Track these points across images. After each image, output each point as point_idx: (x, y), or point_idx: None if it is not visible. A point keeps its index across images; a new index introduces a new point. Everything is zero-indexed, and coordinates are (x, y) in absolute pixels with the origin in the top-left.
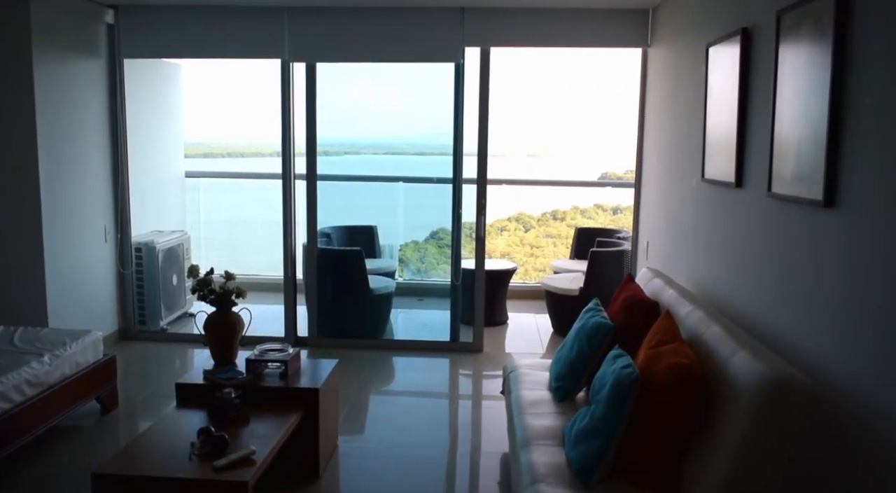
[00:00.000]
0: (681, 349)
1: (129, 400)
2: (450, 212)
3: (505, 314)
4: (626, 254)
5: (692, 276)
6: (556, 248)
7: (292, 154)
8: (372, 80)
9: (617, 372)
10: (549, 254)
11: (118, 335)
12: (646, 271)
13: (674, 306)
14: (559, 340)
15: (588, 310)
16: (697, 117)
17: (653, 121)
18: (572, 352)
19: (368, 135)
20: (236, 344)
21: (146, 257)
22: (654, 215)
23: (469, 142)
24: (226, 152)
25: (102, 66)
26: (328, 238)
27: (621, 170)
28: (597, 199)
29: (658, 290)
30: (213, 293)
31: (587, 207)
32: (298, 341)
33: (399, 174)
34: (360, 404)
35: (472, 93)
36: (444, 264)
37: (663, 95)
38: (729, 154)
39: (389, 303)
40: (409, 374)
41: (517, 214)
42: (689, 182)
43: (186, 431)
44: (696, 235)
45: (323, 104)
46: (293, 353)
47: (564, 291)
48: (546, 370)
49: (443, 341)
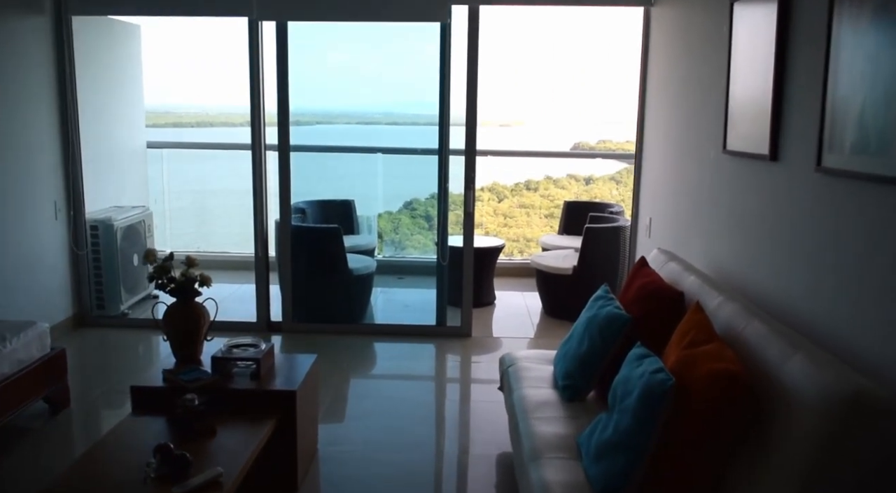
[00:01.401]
0: (722, 352)
1: (83, 397)
2: (429, 183)
3: (492, 294)
4: (622, 230)
5: (710, 260)
6: (530, 218)
7: (262, 123)
8: (349, 44)
9: (647, 377)
10: (523, 224)
11: (73, 321)
12: (657, 254)
13: (701, 297)
14: (550, 321)
15: (597, 298)
16: (717, 82)
17: (657, 87)
18: (582, 347)
19: (345, 103)
20: (201, 339)
21: (103, 236)
22: (658, 190)
23: (455, 111)
24: (195, 122)
25: (47, 23)
26: (302, 214)
27: (593, 140)
28: (569, 169)
29: (677, 276)
30: (172, 281)
31: (560, 177)
32: (271, 326)
33: (379, 145)
34: (340, 399)
35: (460, 57)
36: (420, 236)
37: (670, 58)
38: (760, 123)
39: (370, 284)
40: (393, 363)
41: (491, 184)
42: (706, 154)
43: (143, 445)
44: (715, 214)
45: (296, 70)
46: (266, 349)
47: (556, 270)
48: (549, 363)
49: (428, 326)
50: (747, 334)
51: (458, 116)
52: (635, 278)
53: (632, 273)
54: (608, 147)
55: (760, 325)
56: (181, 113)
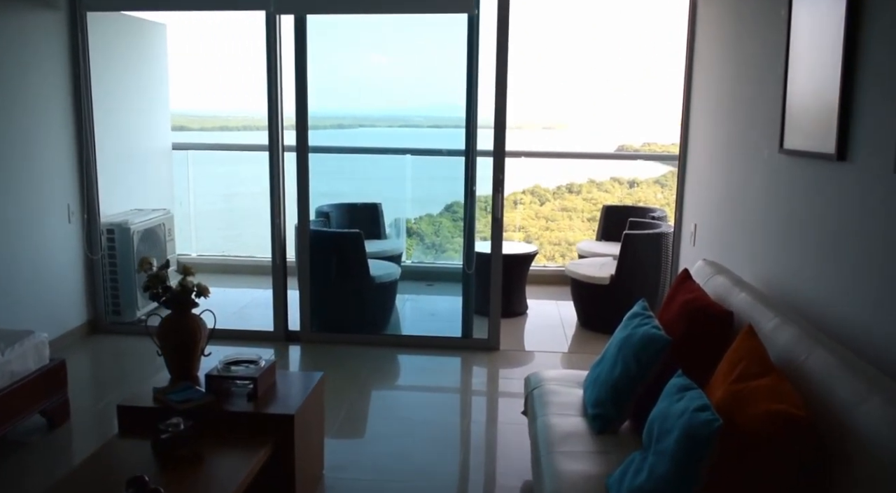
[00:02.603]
0: (781, 389)
1: (85, 410)
2: (462, 186)
3: (524, 304)
4: (664, 237)
5: (761, 273)
6: (572, 221)
7: (280, 122)
8: (371, 42)
9: (689, 416)
10: (564, 227)
11: (87, 328)
12: (703, 266)
13: (753, 317)
14: (585, 334)
15: (634, 315)
16: (773, 74)
17: (703, 83)
18: (615, 372)
19: (368, 106)
20: (197, 355)
21: (119, 240)
22: (703, 194)
23: (483, 110)
24: (221, 126)
25: (62, 20)
26: (326, 218)
27: (638, 142)
28: (612, 172)
29: (724, 291)
30: (167, 292)
31: (603, 181)
32: (289, 335)
33: (405, 147)
34: (354, 417)
35: (488, 53)
36: (457, 239)
37: (719, 49)
38: (825, 119)
39: (393, 292)
40: (414, 378)
41: (532, 187)
42: (759, 154)
43: (123, 472)
44: (769, 220)
45: (316, 69)
46: (265, 366)
47: (593, 279)
48: (578, 386)
49: (454, 338)
50: (810, 366)
51: (486, 116)
52: (677, 293)
53: (674, 287)
54: (653, 149)
55: (827, 355)
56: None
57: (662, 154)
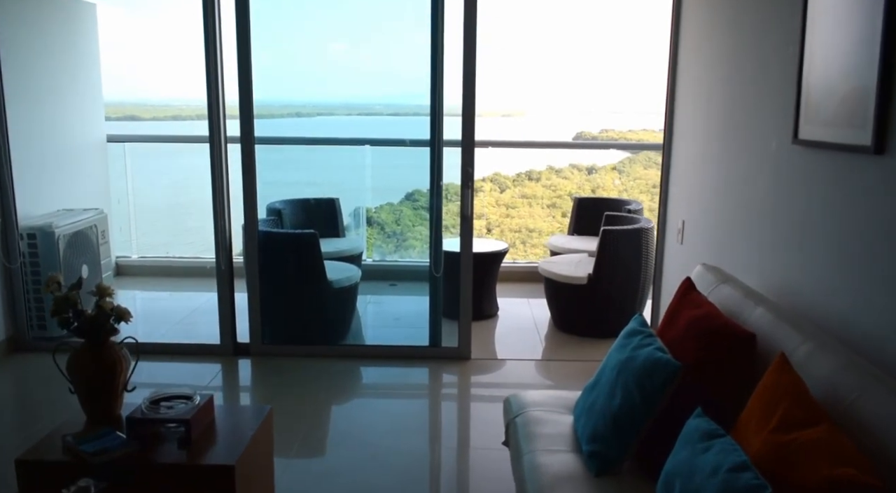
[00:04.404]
0: (840, 444)
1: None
2: (426, 176)
3: (495, 305)
4: (645, 233)
5: (769, 279)
6: (532, 208)
7: (221, 108)
8: (328, 22)
9: (726, 477)
10: (525, 215)
11: (7, 346)
12: (703, 272)
13: (777, 339)
14: (561, 336)
15: (632, 333)
16: (785, 50)
17: (692, 61)
18: (614, 401)
19: (327, 93)
20: (117, 391)
21: (42, 245)
22: (693, 188)
23: (449, 97)
24: (173, 115)
25: None
26: (278, 216)
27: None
28: (571, 159)
29: (736, 305)
30: (79, 317)
31: (562, 167)
32: (238, 348)
33: (363, 136)
34: (311, 444)
35: (453, 36)
36: (422, 228)
37: (711, 23)
38: (858, 104)
39: (353, 297)
40: (378, 395)
41: (492, 175)
42: (766, 145)
43: None
44: (778, 221)
45: (268, 53)
46: (200, 403)
47: (569, 279)
48: (567, 411)
49: (421, 346)
50: (863, 410)
51: (455, 104)
52: (682, 306)
53: (676, 299)
54: (611, 136)
55: (884, 394)
56: (160, 105)
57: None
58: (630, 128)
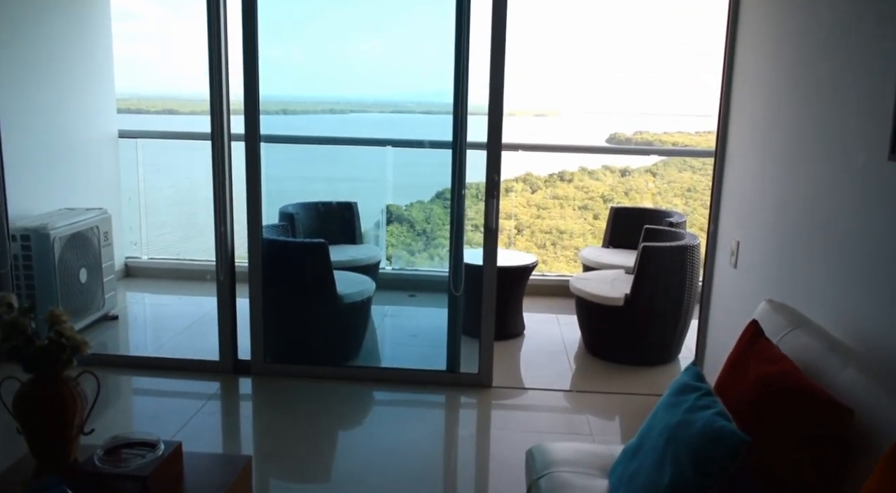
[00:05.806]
0: None
1: None
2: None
3: (521, 324)
4: (690, 251)
5: (852, 323)
6: (563, 210)
7: (226, 103)
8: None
9: None
10: (556, 216)
11: None
12: (769, 311)
13: (879, 418)
14: (593, 362)
15: (684, 388)
16: (877, 50)
17: (752, 59)
18: (662, 477)
19: (359, 90)
20: (72, 434)
21: (36, 248)
22: (752, 205)
23: (475, 96)
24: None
25: None
26: (290, 220)
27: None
28: (604, 160)
29: (817, 361)
30: (29, 346)
31: (595, 169)
32: (238, 366)
33: (386, 137)
34: (310, 486)
35: (481, 29)
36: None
37: (779, 17)
38: None
39: (366, 313)
40: (389, 428)
41: (524, 175)
42: (851, 159)
43: None
44: (866, 253)
45: (271, 44)
46: (164, 454)
47: (604, 299)
48: (602, 474)
49: (438, 371)
50: None
51: (482, 103)
52: (748, 357)
53: (741, 348)
54: (645, 139)
55: None
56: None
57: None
58: (665, 130)
